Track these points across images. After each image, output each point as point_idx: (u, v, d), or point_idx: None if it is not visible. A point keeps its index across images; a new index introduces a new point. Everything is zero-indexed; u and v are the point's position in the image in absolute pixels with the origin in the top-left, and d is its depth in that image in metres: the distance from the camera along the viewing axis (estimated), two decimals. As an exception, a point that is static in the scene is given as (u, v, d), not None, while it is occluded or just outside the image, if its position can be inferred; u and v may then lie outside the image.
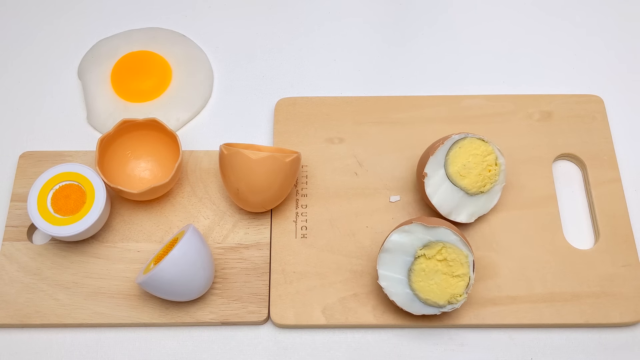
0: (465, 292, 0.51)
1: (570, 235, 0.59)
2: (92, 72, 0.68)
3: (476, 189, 0.56)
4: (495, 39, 0.71)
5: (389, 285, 0.53)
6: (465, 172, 0.56)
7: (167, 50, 0.69)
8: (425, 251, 0.52)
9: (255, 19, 0.73)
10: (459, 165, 0.56)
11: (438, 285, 0.52)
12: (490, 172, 0.57)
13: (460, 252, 0.52)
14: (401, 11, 0.73)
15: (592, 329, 0.55)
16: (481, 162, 0.56)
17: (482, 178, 0.56)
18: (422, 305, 0.52)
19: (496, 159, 0.57)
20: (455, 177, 0.56)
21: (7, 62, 0.70)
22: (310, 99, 0.65)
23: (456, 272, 0.51)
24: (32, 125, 0.66)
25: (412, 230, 0.52)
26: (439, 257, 0.52)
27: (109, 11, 0.73)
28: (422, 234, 0.52)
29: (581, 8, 0.73)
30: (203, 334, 0.56)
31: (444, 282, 0.51)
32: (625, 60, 0.70)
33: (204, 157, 0.62)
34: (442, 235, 0.52)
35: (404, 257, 0.52)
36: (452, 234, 0.52)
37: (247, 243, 0.58)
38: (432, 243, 0.52)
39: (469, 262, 0.51)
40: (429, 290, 0.52)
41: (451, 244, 0.52)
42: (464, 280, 0.51)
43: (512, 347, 0.55)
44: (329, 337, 0.55)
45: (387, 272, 0.53)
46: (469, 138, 0.56)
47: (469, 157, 0.56)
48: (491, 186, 0.57)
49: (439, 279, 0.52)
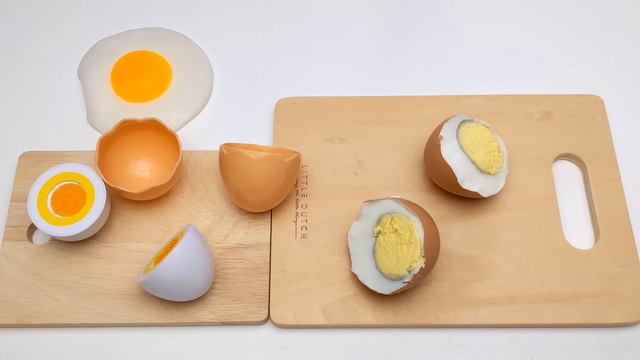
0: (421, 255, 0.50)
1: (570, 235, 0.59)
2: (92, 72, 0.68)
3: (485, 166, 0.56)
4: (495, 39, 0.71)
5: (361, 271, 0.54)
6: (474, 148, 0.56)
7: (167, 50, 0.69)
8: (380, 227, 0.53)
9: (255, 19, 0.73)
10: (468, 141, 0.56)
11: (397, 257, 0.52)
12: (495, 157, 0.57)
13: (405, 217, 0.52)
14: (401, 11, 0.73)
15: (592, 329, 0.55)
16: (487, 145, 0.57)
17: (489, 159, 0.56)
18: (389, 282, 0.52)
19: (499, 147, 0.57)
20: (467, 150, 0.56)
21: (8, 62, 0.70)
22: (310, 99, 0.65)
23: (407, 239, 0.51)
24: (32, 125, 0.66)
25: (364, 212, 0.54)
26: (391, 229, 0.52)
27: (109, 11, 0.73)
28: (372, 212, 0.54)
29: (581, 8, 0.73)
30: (203, 334, 0.56)
31: (399, 252, 0.51)
32: (625, 61, 0.70)
33: (204, 157, 0.62)
34: (387, 206, 0.53)
35: (368, 241, 0.54)
36: (394, 203, 0.52)
37: (247, 243, 0.58)
38: (383, 217, 0.53)
39: (416, 227, 0.51)
40: (390, 265, 0.52)
41: (397, 213, 0.52)
42: (415, 244, 0.51)
43: (511, 347, 0.55)
44: (329, 337, 0.55)
45: (359, 259, 0.54)
46: (475, 122, 0.57)
47: (476, 137, 0.56)
48: (497, 170, 0.57)
49: (395, 250, 0.52)
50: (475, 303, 0.55)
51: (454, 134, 0.56)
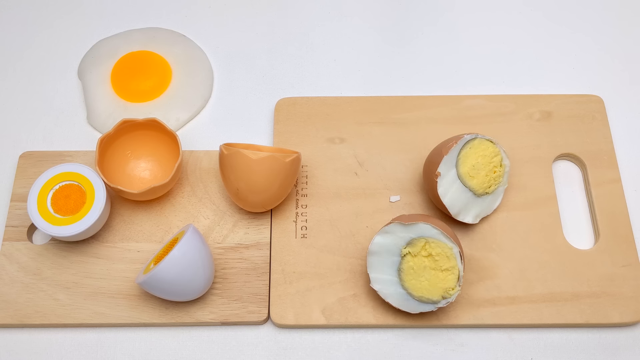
0: (457, 284, 0.51)
1: (570, 235, 0.59)
2: (92, 72, 0.68)
3: (482, 189, 0.56)
4: (495, 39, 0.71)
5: (382, 287, 0.53)
6: (474, 172, 0.56)
7: (167, 50, 0.69)
8: (410, 249, 0.52)
9: (255, 19, 0.73)
10: (468, 165, 0.56)
11: (429, 281, 0.51)
12: (495, 174, 0.57)
13: (443, 245, 0.51)
14: (402, 11, 0.73)
15: (592, 328, 0.55)
16: (489, 163, 0.56)
17: (488, 179, 0.56)
18: (417, 303, 0.52)
19: (501, 160, 0.57)
20: (465, 177, 0.56)
21: (8, 62, 0.70)
22: (310, 99, 0.65)
23: (444, 266, 0.51)
24: (32, 125, 0.66)
25: (391, 230, 0.53)
26: (424, 253, 0.52)
27: (109, 11, 0.73)
28: (402, 232, 0.52)
29: (581, 9, 0.73)
30: (203, 334, 0.56)
31: (433, 277, 0.51)
32: (625, 60, 0.70)
33: (204, 157, 0.62)
34: (422, 231, 0.52)
35: (391, 258, 0.53)
36: (432, 229, 0.52)
37: (247, 243, 0.58)
38: (415, 240, 0.52)
39: (455, 254, 0.51)
40: (420, 288, 0.52)
41: (433, 238, 0.52)
42: (453, 272, 0.51)
43: (512, 348, 0.55)
44: (329, 337, 0.55)
45: (378, 275, 0.53)
46: (478, 139, 0.57)
47: (478, 157, 0.56)
48: (495, 187, 0.57)
49: (429, 274, 0.52)
50: (476, 303, 0.55)
51: (453, 163, 0.56)
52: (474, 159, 0.56)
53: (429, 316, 0.55)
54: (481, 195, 0.57)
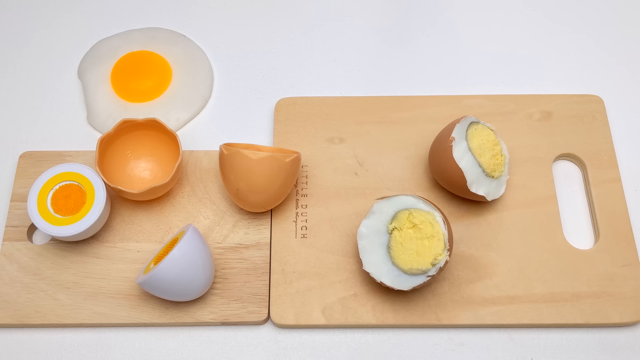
0: (445, 249, 0.51)
1: (570, 235, 0.59)
2: (92, 72, 0.68)
3: (490, 170, 0.56)
4: (495, 39, 0.71)
5: (374, 269, 0.53)
6: (480, 151, 0.56)
7: (167, 50, 0.69)
8: (396, 224, 0.52)
9: (255, 19, 0.73)
10: (476, 143, 0.56)
11: (417, 252, 0.51)
12: (498, 160, 0.57)
13: (425, 213, 0.52)
14: (402, 11, 0.73)
15: (592, 328, 0.55)
16: (492, 148, 0.56)
17: (493, 162, 0.56)
18: (409, 277, 0.52)
19: (501, 150, 0.58)
20: (475, 152, 0.56)
21: (7, 62, 0.70)
22: (310, 99, 0.65)
23: (428, 233, 0.51)
24: (32, 125, 0.66)
25: (376, 209, 0.53)
26: (409, 224, 0.52)
27: (109, 11, 0.73)
28: (386, 208, 0.53)
29: (581, 8, 0.73)
30: (203, 334, 0.56)
31: (420, 247, 0.51)
32: (625, 60, 0.70)
33: (204, 157, 0.62)
34: (404, 202, 0.52)
35: (380, 237, 0.53)
36: (412, 198, 0.52)
37: (247, 243, 0.58)
38: (399, 213, 0.52)
39: (438, 220, 0.51)
40: (410, 260, 0.51)
41: (415, 208, 0.52)
42: (439, 238, 0.51)
43: (511, 347, 0.55)
44: (329, 337, 0.55)
45: (370, 257, 0.53)
46: (481, 124, 0.57)
47: (482, 139, 0.56)
48: (499, 174, 0.57)
49: (416, 245, 0.51)
50: (475, 303, 0.55)
51: (463, 135, 0.56)
52: (479, 139, 0.56)
53: (428, 316, 0.55)
54: (489, 176, 0.57)
